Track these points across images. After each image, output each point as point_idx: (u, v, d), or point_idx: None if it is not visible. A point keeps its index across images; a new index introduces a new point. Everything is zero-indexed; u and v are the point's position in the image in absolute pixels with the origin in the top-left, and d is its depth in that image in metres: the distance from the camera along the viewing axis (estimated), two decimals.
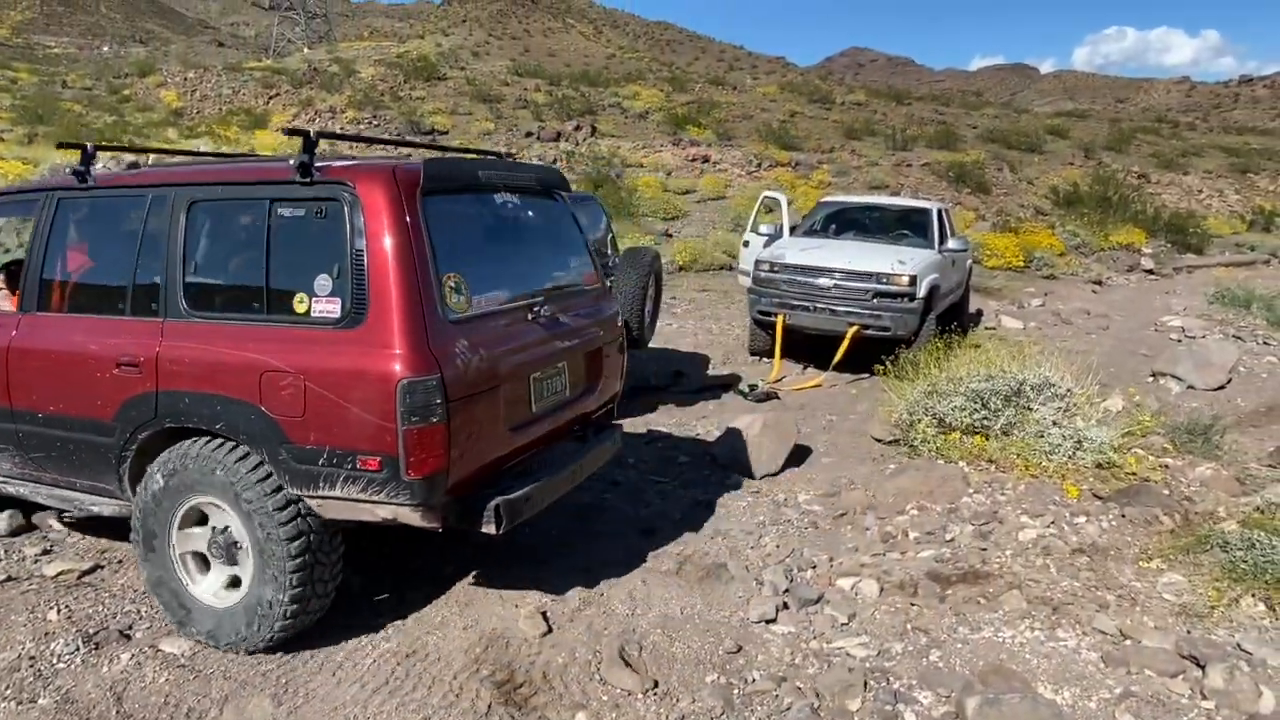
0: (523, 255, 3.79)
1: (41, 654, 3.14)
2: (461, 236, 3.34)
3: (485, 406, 3.09)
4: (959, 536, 4.28)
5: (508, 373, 3.23)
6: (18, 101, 27.86)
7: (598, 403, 4.04)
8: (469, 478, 3.07)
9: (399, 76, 32.87)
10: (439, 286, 2.95)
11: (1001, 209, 21.50)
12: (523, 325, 3.42)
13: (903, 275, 8.15)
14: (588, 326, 3.90)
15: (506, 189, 3.62)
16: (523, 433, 3.39)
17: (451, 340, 2.94)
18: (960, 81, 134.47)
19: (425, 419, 2.80)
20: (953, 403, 5.46)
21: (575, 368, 3.79)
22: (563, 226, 4.07)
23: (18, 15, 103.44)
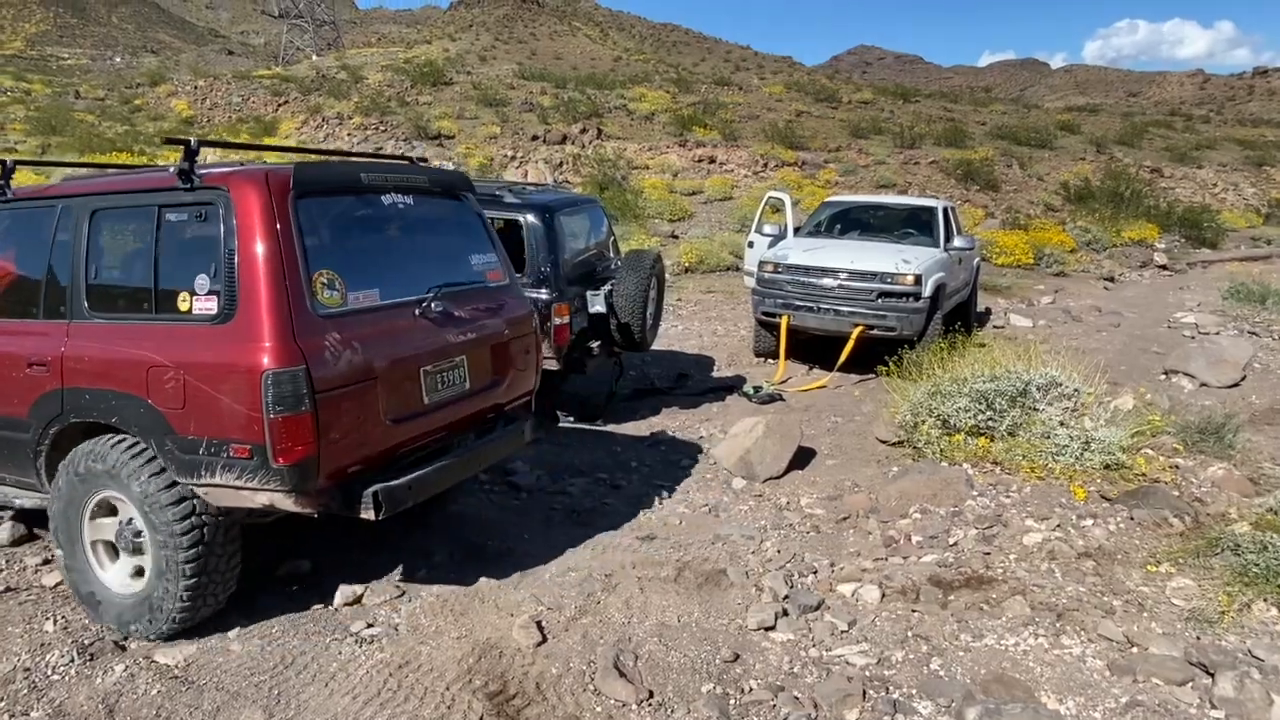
0: (413, 253, 3.87)
1: (37, 665, 3.14)
2: (339, 236, 3.45)
3: (359, 397, 3.19)
4: (962, 540, 4.22)
5: (387, 365, 3.32)
6: (32, 113, 28.17)
7: (507, 396, 4.14)
8: (350, 465, 3.19)
9: (406, 82, 33.00)
10: (309, 283, 3.08)
11: (1011, 206, 21.32)
12: (409, 321, 3.50)
13: (907, 275, 8.07)
14: (490, 322, 3.98)
15: (397, 190, 3.71)
16: (413, 423, 3.47)
17: (321, 334, 3.06)
18: (969, 78, 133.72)
19: (291, 408, 2.92)
20: (957, 404, 5.39)
21: (477, 362, 3.86)
22: (465, 226, 4.17)
23: (31, 28, 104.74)
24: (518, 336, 4.17)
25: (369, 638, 3.40)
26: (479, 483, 5.41)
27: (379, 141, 23.53)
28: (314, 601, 3.76)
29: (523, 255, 6.22)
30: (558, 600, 3.68)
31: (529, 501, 5.10)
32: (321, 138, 23.77)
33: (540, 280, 6.10)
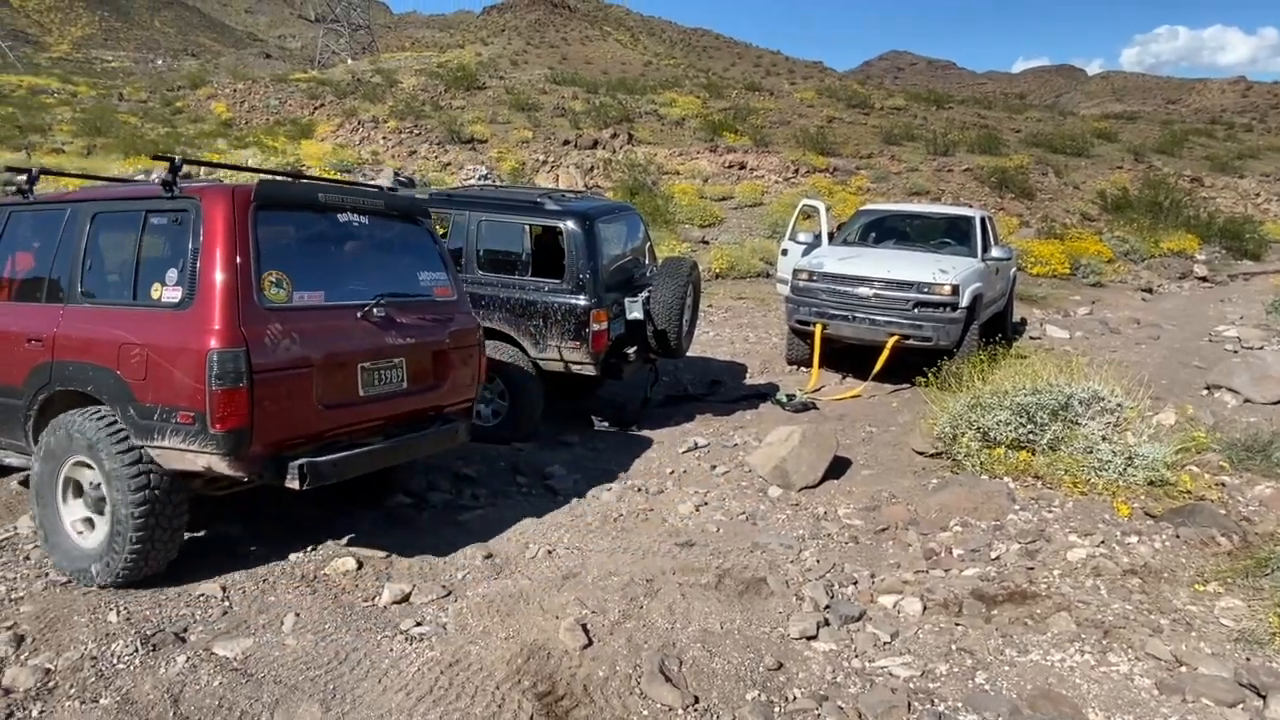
0: (362, 265, 4.35)
1: (103, 654, 3.25)
2: (292, 244, 3.98)
3: (294, 382, 3.67)
4: (1005, 555, 4.21)
5: (324, 357, 3.79)
6: (78, 114, 28.94)
7: (447, 399, 4.56)
8: (281, 439, 3.65)
9: (439, 86, 33.40)
10: (258, 280, 3.60)
11: (1046, 215, 21.05)
12: (350, 322, 3.98)
13: (945, 284, 8.03)
14: (432, 332, 4.43)
15: (354, 210, 4.23)
16: (347, 411, 3.93)
17: (263, 323, 3.57)
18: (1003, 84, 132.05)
19: (230, 383, 3.41)
20: (997, 416, 5.37)
21: (416, 365, 4.31)
22: (418, 246, 4.66)
23: (78, 31, 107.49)
24: (459, 347, 4.60)
25: (418, 636, 3.48)
26: (517, 486, 5.50)
27: (413, 145, 23.84)
28: (362, 599, 3.86)
29: (562, 262, 6.30)
30: (601, 604, 3.73)
31: (567, 505, 5.16)
32: (357, 141, 24.13)
33: (579, 287, 6.18)
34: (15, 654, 3.26)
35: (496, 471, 5.74)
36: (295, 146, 22.33)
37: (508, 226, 6.60)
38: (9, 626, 3.43)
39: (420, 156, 22.86)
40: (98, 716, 2.88)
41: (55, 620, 3.49)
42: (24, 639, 3.36)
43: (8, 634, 3.36)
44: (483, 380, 4.92)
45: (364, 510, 4.96)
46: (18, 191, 4.47)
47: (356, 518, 4.83)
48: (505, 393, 6.27)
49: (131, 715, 2.90)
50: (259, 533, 4.52)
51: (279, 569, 4.07)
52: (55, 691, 3.03)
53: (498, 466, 5.83)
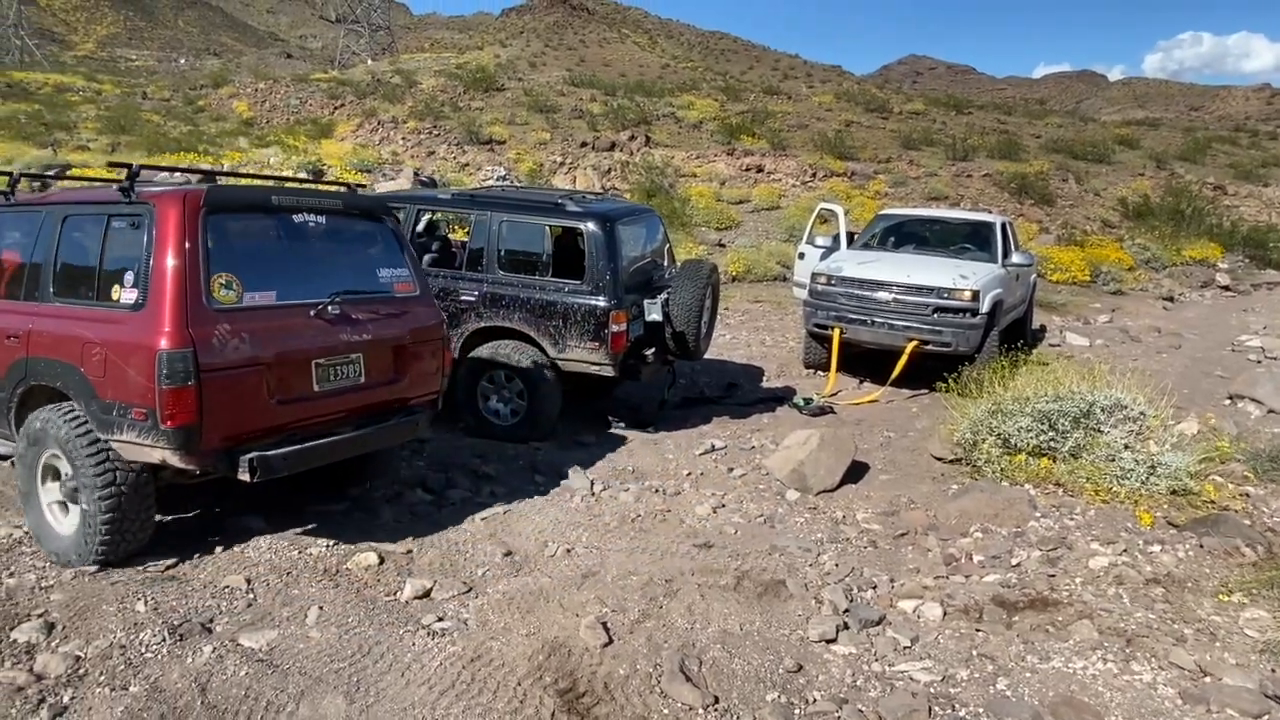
0: (317, 263, 4.42)
1: (131, 643, 3.30)
2: (243, 245, 4.07)
3: (244, 379, 3.80)
4: (1026, 562, 4.19)
5: (275, 355, 3.91)
6: (102, 112, 29.32)
7: (410, 392, 4.67)
8: (233, 434, 3.80)
9: (458, 87, 33.57)
10: (207, 283, 3.73)
11: (1066, 221, 20.87)
12: (303, 320, 4.09)
13: (965, 290, 8.00)
14: (391, 327, 4.53)
15: (310, 211, 4.33)
16: (301, 406, 4.05)
17: (212, 324, 3.69)
18: (1023, 89, 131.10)
19: (178, 383, 3.55)
20: (1019, 423, 5.34)
21: (375, 359, 4.41)
22: (379, 243, 4.74)
23: (103, 30, 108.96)
24: (422, 342, 4.70)
25: (440, 631, 3.51)
26: (535, 485, 5.52)
27: (431, 145, 23.97)
28: (384, 594, 3.89)
29: (582, 263, 6.33)
30: (621, 603, 3.75)
31: (585, 505, 5.19)
32: (377, 141, 24.29)
33: (598, 288, 6.20)
34: (46, 641, 3.32)
35: (515, 470, 5.77)
36: (316, 146, 22.52)
37: (529, 227, 6.64)
38: (40, 614, 3.50)
39: (439, 157, 22.98)
40: (127, 704, 2.92)
41: (85, 609, 3.55)
42: (54, 626, 3.42)
43: (39, 621, 3.43)
44: (447, 373, 5.01)
45: (385, 506, 5.00)
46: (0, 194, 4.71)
47: (378, 513, 4.88)
48: (524, 392, 6.30)
49: (160, 703, 2.94)
50: (282, 527, 4.57)
51: (302, 562, 4.11)
52: (85, 679, 3.08)
53: (516, 465, 5.86)
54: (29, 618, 3.46)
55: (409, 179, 16.75)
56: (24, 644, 3.29)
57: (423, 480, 5.39)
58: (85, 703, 2.94)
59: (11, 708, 2.89)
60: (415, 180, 16.68)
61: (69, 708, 2.92)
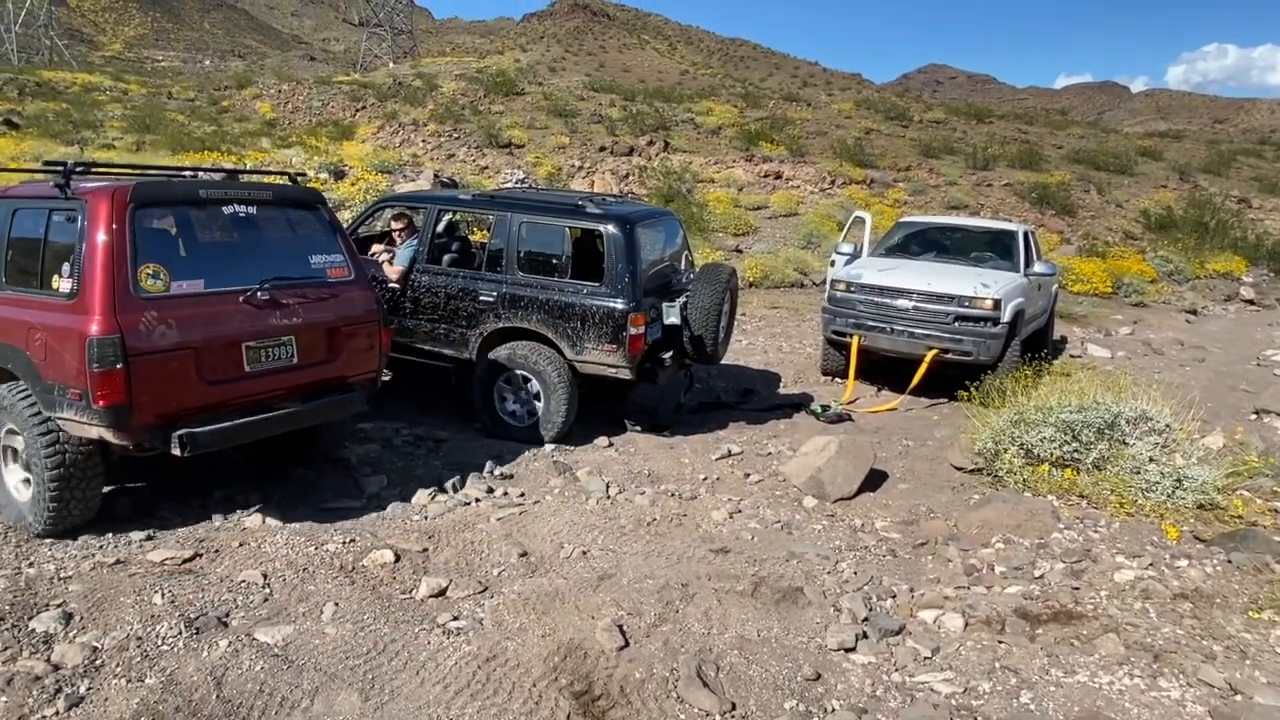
0: (247, 252, 4.64)
1: (148, 635, 3.31)
2: (172, 237, 4.34)
3: (172, 362, 4.07)
4: (1049, 574, 4.11)
5: (203, 339, 4.18)
6: (128, 111, 29.71)
7: (345, 371, 4.91)
8: (165, 412, 4.07)
9: (479, 91, 33.76)
10: (134, 273, 3.98)
11: (1088, 232, 20.67)
12: (232, 306, 4.33)
13: (986, 299, 7.92)
14: (323, 311, 4.76)
15: (240, 202, 4.60)
16: (232, 385, 4.33)
17: (139, 312, 3.96)
18: (1044, 99, 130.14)
19: (108, 366, 3.83)
20: (1042, 433, 5.26)
21: (308, 341, 4.67)
22: (312, 231, 4.98)
23: (130, 31, 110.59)
24: (355, 324, 4.96)
25: (455, 630, 3.49)
26: (550, 487, 5.50)
27: (451, 148, 24.09)
28: (399, 592, 3.88)
29: (601, 265, 6.31)
30: (637, 606, 3.72)
31: (600, 507, 5.16)
32: (397, 143, 24.44)
33: (617, 290, 6.18)
34: (64, 631, 3.34)
35: (531, 472, 5.76)
36: (337, 147, 22.69)
37: (548, 229, 6.63)
38: (59, 604, 3.52)
39: (458, 159, 23.09)
40: (143, 696, 2.92)
41: (102, 600, 3.56)
42: (72, 617, 3.44)
43: (57, 611, 3.45)
44: (385, 352, 5.25)
45: (400, 504, 5.00)
46: None
47: (393, 511, 4.88)
48: (540, 394, 6.29)
49: (176, 696, 2.94)
50: (299, 522, 4.58)
51: (318, 558, 4.11)
52: (102, 669, 3.09)
53: (532, 466, 5.85)
54: (47, 607, 3.48)
55: (429, 180, 16.83)
56: (42, 634, 3.31)
57: (439, 479, 5.39)
58: (101, 694, 2.95)
59: (29, 697, 2.90)
60: (436, 182, 16.77)
61: (85, 698, 2.92)
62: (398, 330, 6.68)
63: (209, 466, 5.33)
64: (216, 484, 5.08)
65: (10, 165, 15.68)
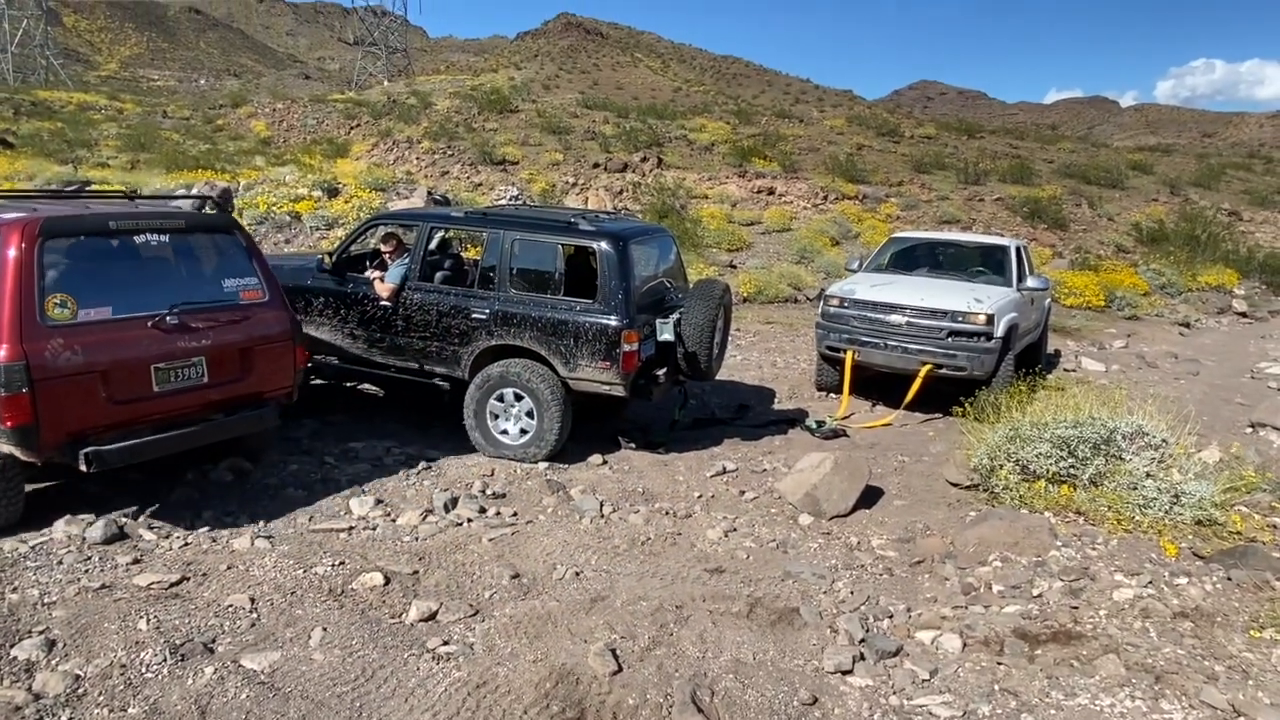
0: (157, 278, 4.81)
1: (132, 662, 3.24)
2: (80, 267, 4.46)
3: (78, 385, 4.28)
4: (1047, 592, 4.07)
5: (110, 362, 4.39)
6: (123, 130, 29.74)
7: (260, 388, 5.15)
8: (73, 430, 4.30)
9: (473, 109, 33.91)
10: (41, 303, 4.19)
11: (1080, 246, 20.78)
12: (140, 331, 4.55)
13: (979, 313, 7.92)
14: (234, 332, 4.99)
15: (151, 231, 4.76)
16: (141, 405, 4.55)
17: (45, 340, 4.17)
18: (1034, 115, 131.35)
19: (13, 390, 4.07)
20: (1037, 449, 5.24)
21: (219, 361, 4.90)
22: (225, 256, 5.16)
23: (126, 50, 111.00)
24: (268, 343, 5.16)
25: (445, 655, 3.43)
26: (543, 506, 5.44)
27: (445, 165, 24.17)
28: (389, 616, 3.82)
29: (594, 282, 6.29)
30: (630, 629, 3.66)
31: (594, 526, 5.10)
32: (392, 160, 24.51)
33: (610, 307, 6.15)
34: (46, 658, 3.27)
35: (524, 491, 5.70)
36: (331, 165, 22.72)
37: (541, 246, 6.61)
38: (41, 631, 3.45)
39: (453, 177, 23.14)
40: None
41: (86, 626, 3.50)
42: (55, 644, 3.37)
43: (40, 638, 3.38)
44: (300, 367, 5.47)
45: (389, 524, 4.94)
46: None
47: (383, 532, 4.82)
48: (533, 411, 6.24)
49: None
50: (288, 544, 4.52)
51: (307, 581, 4.05)
52: (84, 698, 3.02)
53: (525, 485, 5.79)
54: (30, 634, 3.42)
55: (423, 198, 16.85)
56: (24, 661, 3.24)
57: (430, 499, 5.33)
58: None
59: None
60: (429, 199, 16.78)
61: None
62: (389, 348, 6.65)
63: (197, 486, 5.27)
64: (204, 504, 5.02)
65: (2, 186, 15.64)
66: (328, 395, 7.40)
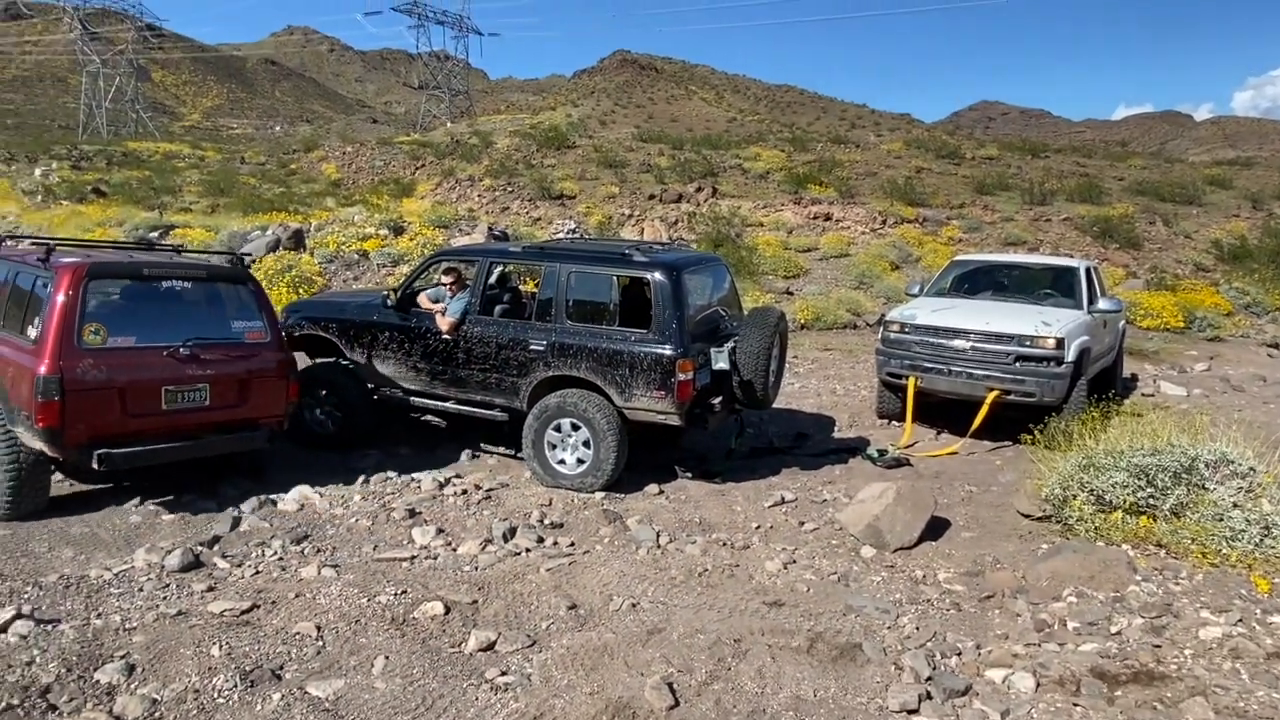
0: (177, 317, 5.71)
1: (205, 688, 3.36)
2: (115, 303, 5.47)
3: (100, 398, 5.17)
4: (1126, 630, 3.86)
5: (127, 382, 5.29)
6: (204, 176, 31.50)
7: (254, 413, 5.93)
8: (92, 436, 5.16)
9: (532, 146, 34.78)
10: (80, 330, 5.14)
11: (1155, 265, 19.94)
12: (157, 358, 5.44)
13: (1049, 337, 7.66)
14: (235, 365, 5.82)
15: (177, 278, 5.75)
16: (152, 419, 5.42)
17: (79, 359, 5.10)
18: (1102, 132, 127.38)
19: (48, 397, 4.98)
20: (1113, 478, 5.01)
21: (220, 388, 5.71)
22: (237, 302, 6.03)
23: (208, 102, 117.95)
24: (264, 376, 5.96)
25: (503, 685, 3.45)
26: (600, 536, 5.44)
27: (505, 201, 24.79)
28: (449, 645, 3.86)
29: (649, 312, 6.34)
30: (687, 663, 3.62)
31: (650, 557, 5.08)
32: (454, 198, 25.27)
33: (665, 336, 6.18)
34: (126, 682, 3.41)
35: (581, 520, 5.73)
36: (397, 204, 23.56)
37: (596, 277, 6.71)
38: (122, 655, 3.60)
39: (512, 212, 23.71)
40: None
41: (164, 651, 3.64)
42: (135, 668, 3.51)
43: (121, 663, 3.53)
44: (292, 400, 6.21)
45: (449, 553, 5.01)
46: None
47: (444, 562, 4.89)
48: (590, 441, 6.28)
49: None
50: (353, 573, 4.63)
51: (370, 610, 4.13)
52: None
53: (582, 515, 5.81)
54: (112, 659, 3.57)
55: (484, 234, 17.30)
56: (106, 685, 3.38)
57: (489, 529, 5.40)
58: None
59: None
60: (490, 235, 17.22)
61: None
62: (451, 380, 6.80)
63: (266, 516, 5.46)
64: (274, 533, 5.19)
65: (96, 233, 16.71)
66: (392, 426, 7.60)
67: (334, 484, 6.21)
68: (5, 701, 3.20)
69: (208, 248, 15.19)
